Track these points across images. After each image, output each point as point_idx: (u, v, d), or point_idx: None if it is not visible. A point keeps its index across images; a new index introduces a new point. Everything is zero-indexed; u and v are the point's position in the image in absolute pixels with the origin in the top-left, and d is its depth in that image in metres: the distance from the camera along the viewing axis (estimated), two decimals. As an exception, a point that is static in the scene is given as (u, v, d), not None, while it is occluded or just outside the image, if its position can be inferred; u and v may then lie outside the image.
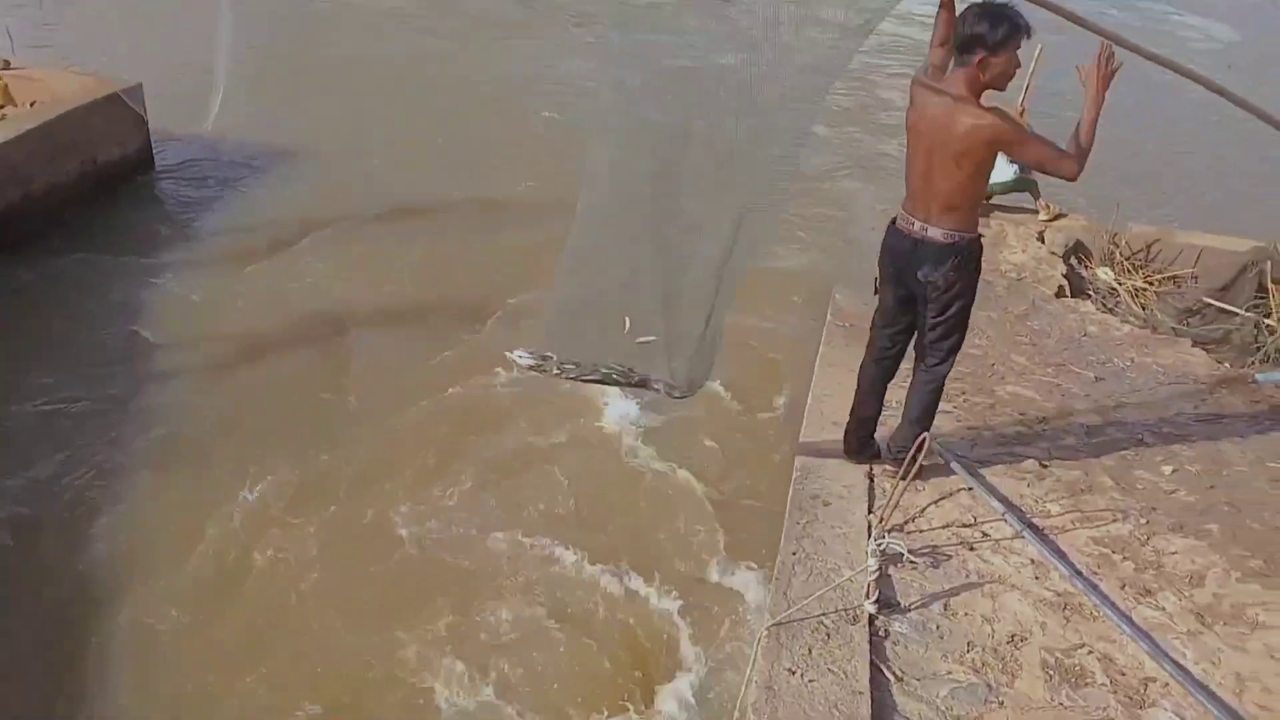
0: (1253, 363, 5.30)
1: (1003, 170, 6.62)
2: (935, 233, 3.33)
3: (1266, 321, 5.32)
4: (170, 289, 6.59)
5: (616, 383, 3.40)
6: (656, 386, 3.36)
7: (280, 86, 10.12)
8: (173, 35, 11.22)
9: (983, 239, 3.41)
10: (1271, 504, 3.87)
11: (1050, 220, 6.72)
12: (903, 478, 3.14)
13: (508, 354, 3.35)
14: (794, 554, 3.31)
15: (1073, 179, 3.18)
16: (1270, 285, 5.47)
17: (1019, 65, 3.21)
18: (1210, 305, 5.65)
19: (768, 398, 5.88)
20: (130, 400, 5.48)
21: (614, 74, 3.39)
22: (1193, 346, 5.31)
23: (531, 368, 3.28)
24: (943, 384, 3.65)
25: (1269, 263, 5.52)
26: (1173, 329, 5.55)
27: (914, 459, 3.04)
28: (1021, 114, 6.61)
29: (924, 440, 3.03)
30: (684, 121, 3.19)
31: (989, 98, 3.27)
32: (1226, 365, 5.41)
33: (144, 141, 8.03)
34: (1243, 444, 4.34)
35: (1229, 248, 6.04)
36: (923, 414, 3.66)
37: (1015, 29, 3.12)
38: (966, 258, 3.36)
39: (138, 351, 5.95)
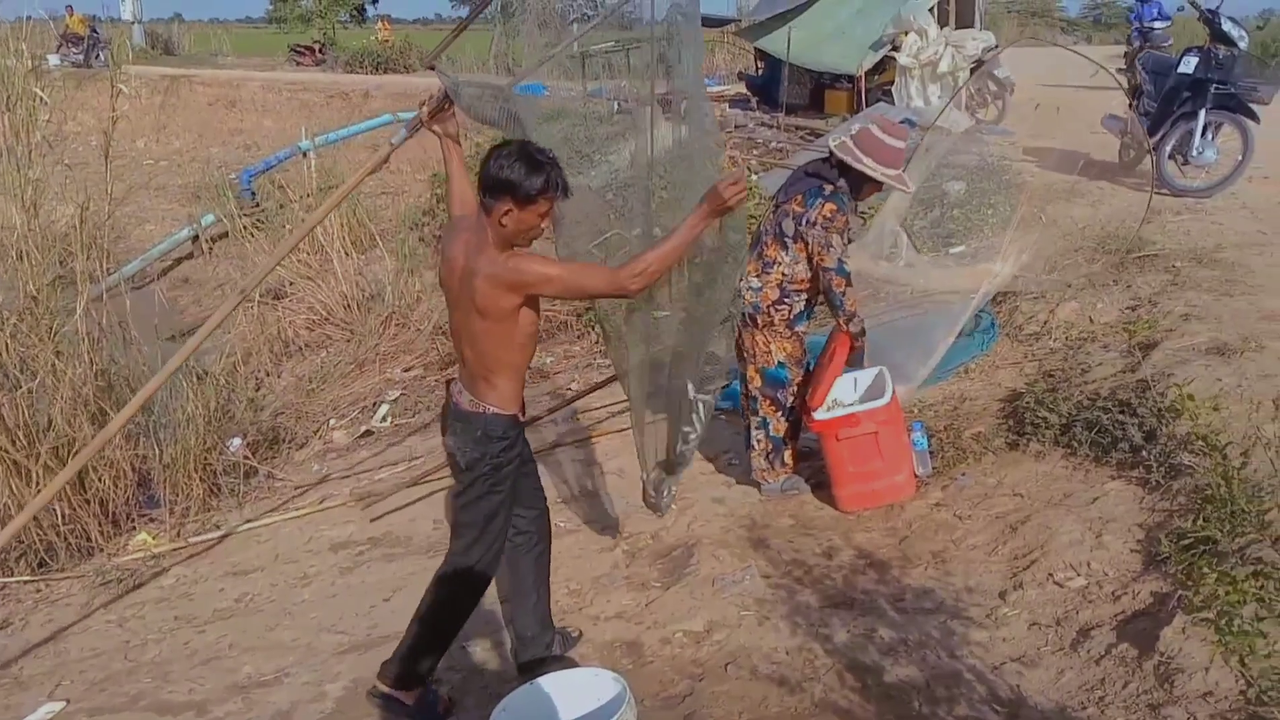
0: None
1: None
2: (464, 399, 2.94)
3: None
4: None
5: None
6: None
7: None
8: None
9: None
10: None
11: None
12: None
13: None
14: None
15: (634, 296, 2.91)
16: None
17: (547, 224, 2.83)
18: None
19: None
20: None
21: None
22: None
23: None
24: (453, 592, 3.05)
25: None
26: None
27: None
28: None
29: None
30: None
31: None
32: None
33: None
34: None
35: None
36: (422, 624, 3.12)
37: (550, 183, 2.69)
38: (488, 434, 2.91)
39: None
